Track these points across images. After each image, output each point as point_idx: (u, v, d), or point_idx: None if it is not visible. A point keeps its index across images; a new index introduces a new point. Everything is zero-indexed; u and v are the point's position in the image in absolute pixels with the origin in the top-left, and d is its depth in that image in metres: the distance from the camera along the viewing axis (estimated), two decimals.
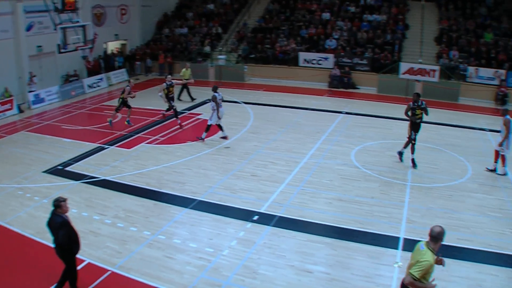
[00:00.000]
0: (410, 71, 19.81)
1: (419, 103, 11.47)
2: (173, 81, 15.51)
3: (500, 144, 11.39)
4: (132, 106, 15.59)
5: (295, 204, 9.57)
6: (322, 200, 9.81)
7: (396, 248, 8.02)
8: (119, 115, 16.07)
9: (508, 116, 11.22)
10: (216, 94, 13.26)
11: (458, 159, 12.40)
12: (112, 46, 25.95)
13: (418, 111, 11.55)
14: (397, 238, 8.32)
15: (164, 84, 15.15)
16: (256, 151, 12.78)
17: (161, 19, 28.96)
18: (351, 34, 23.77)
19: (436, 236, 5.23)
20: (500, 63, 20.73)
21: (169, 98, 15.20)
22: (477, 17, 23.66)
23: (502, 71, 20.15)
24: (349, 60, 22.19)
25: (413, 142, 11.79)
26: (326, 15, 25.12)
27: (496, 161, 11.60)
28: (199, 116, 16.59)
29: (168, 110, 15.89)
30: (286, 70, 22.95)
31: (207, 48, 25.17)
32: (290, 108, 17.80)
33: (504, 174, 11.46)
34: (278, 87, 21.85)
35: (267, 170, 11.35)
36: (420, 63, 20.14)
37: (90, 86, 21.88)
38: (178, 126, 15.08)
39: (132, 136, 14.39)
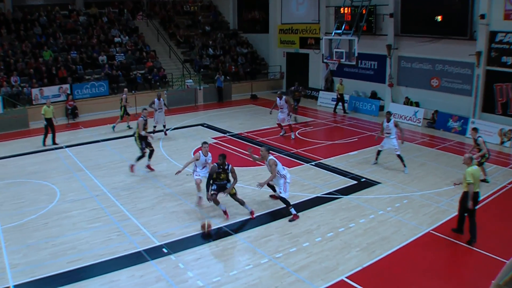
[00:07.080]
0: None
1: (225, 166, 10.07)
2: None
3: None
4: None
5: None
6: None
7: None
8: None
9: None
10: None
11: (43, 185, 12.36)
12: None
13: (222, 175, 10.15)
14: None
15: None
16: None
17: None
18: None
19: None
20: (62, 79, 21.79)
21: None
22: (32, 38, 23.90)
23: (67, 85, 21.43)
24: None
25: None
26: None
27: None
28: None
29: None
30: None
31: None
32: None
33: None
34: None
35: None
36: None
37: None
38: None
39: None
